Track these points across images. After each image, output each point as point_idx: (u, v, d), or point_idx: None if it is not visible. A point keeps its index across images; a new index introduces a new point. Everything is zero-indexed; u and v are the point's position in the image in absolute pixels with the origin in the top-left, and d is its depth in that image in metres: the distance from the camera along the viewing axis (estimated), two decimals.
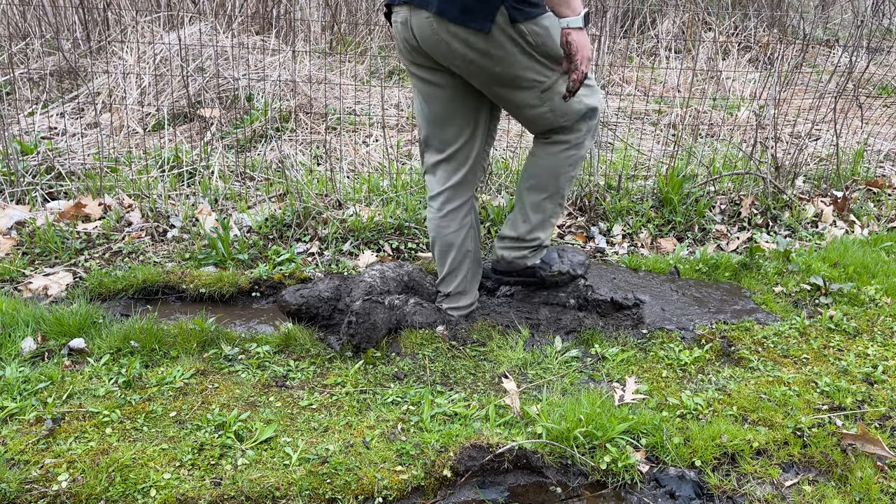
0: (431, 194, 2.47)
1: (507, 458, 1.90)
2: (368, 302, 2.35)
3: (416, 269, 2.65)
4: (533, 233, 2.49)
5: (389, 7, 2.25)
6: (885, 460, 1.92)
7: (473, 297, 2.57)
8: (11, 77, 4.21)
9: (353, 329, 2.31)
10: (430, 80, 2.29)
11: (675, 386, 2.25)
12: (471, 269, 2.52)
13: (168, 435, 1.90)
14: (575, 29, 2.02)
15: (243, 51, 4.65)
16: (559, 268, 2.56)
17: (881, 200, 4.05)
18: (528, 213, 2.47)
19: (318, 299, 2.47)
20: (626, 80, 5.73)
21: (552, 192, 2.43)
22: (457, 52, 2.13)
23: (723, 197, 3.84)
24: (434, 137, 2.40)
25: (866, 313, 2.73)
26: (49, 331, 2.33)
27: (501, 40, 2.10)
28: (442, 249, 2.49)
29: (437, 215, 2.46)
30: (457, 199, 2.44)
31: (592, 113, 2.36)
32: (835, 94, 4.27)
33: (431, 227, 2.50)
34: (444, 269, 2.51)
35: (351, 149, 4.16)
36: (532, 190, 2.44)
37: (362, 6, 6.18)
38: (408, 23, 2.17)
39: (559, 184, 2.42)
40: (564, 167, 2.39)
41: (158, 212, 3.33)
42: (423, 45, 2.18)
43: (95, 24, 4.81)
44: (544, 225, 2.49)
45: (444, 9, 2.06)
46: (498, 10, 2.05)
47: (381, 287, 2.51)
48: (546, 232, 2.51)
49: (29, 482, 1.71)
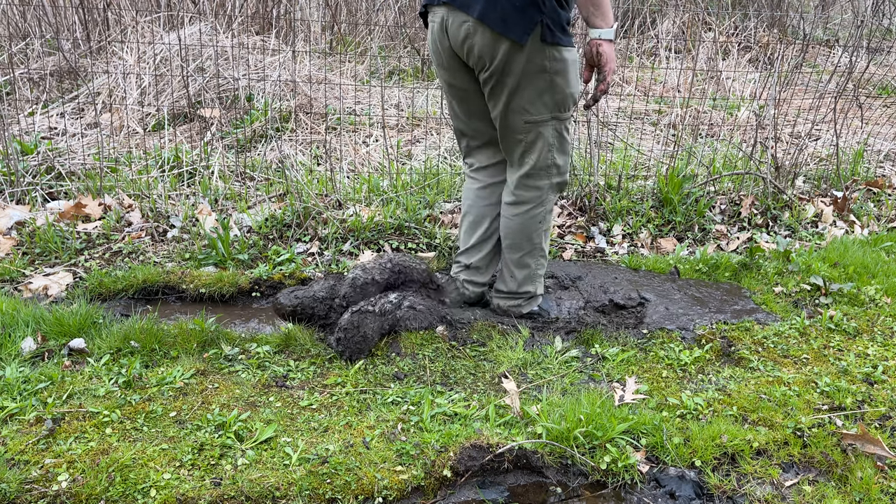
0: (477, 167, 2.53)
1: (507, 458, 1.90)
2: (357, 314, 2.32)
3: (399, 255, 2.61)
4: (522, 286, 2.55)
5: (427, 7, 2.30)
6: (885, 460, 1.92)
7: (489, 277, 2.63)
8: (11, 77, 4.21)
9: (343, 345, 2.29)
10: (460, 84, 2.35)
11: (676, 386, 2.25)
12: (494, 248, 2.57)
13: (168, 435, 1.90)
14: (606, 41, 2.11)
15: (243, 51, 4.65)
16: (557, 314, 2.62)
17: (881, 200, 4.05)
18: (513, 270, 2.53)
19: (313, 299, 2.46)
20: (626, 80, 5.73)
21: (529, 248, 2.49)
22: (485, 57, 2.18)
23: (723, 197, 3.84)
24: (467, 128, 2.48)
25: (866, 313, 2.73)
26: (49, 331, 2.33)
27: (530, 55, 2.15)
28: (474, 220, 2.54)
29: (477, 186, 2.53)
30: (500, 176, 2.51)
31: (556, 171, 2.39)
32: (835, 94, 4.27)
33: (468, 196, 2.55)
34: (470, 240, 2.56)
35: (351, 149, 4.16)
36: (510, 249, 2.51)
37: (362, 6, 6.18)
38: (444, 24, 2.22)
39: (533, 240, 2.48)
40: (535, 225, 2.45)
41: (158, 212, 3.33)
42: (454, 46, 2.23)
43: (95, 24, 4.81)
44: (532, 278, 2.55)
45: (486, 14, 2.11)
46: (537, 24, 2.10)
47: (364, 277, 2.48)
48: (535, 283, 2.56)
49: (29, 482, 1.71)
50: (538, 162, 2.35)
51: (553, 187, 2.42)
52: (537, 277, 2.56)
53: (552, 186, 2.41)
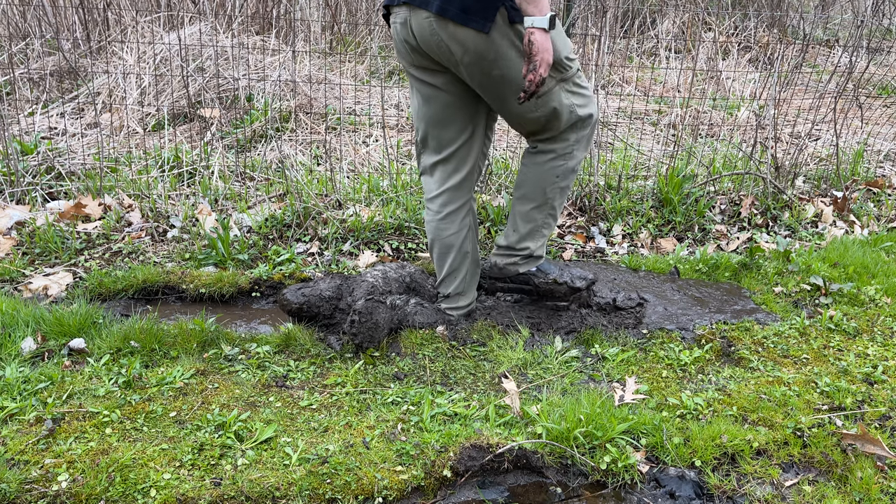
0: (430, 196, 2.46)
1: (507, 458, 1.90)
2: (371, 301, 2.34)
3: (418, 271, 2.65)
4: (522, 242, 2.48)
5: (388, 8, 2.25)
6: (885, 460, 1.92)
7: (472, 297, 2.57)
8: (11, 77, 4.21)
9: (356, 328, 2.30)
10: (430, 81, 2.28)
11: (675, 386, 2.25)
12: (469, 270, 2.51)
13: (168, 435, 1.90)
14: (539, 29, 2.00)
15: (243, 51, 4.65)
16: (556, 277, 2.53)
17: (881, 200, 4.05)
18: (518, 222, 2.46)
19: (319, 298, 2.47)
20: (626, 80, 5.73)
21: (540, 202, 2.41)
22: (455, 52, 2.12)
23: (723, 197, 3.84)
24: (432, 138, 2.38)
25: (866, 313, 2.73)
26: (49, 331, 2.33)
27: (500, 42, 2.09)
28: (441, 251, 2.48)
29: (436, 217, 2.45)
30: (456, 201, 2.43)
31: (582, 123, 2.32)
32: (835, 94, 4.27)
33: (430, 229, 2.49)
34: (443, 271, 2.51)
35: (351, 149, 4.16)
36: (521, 200, 2.44)
37: (362, 6, 6.18)
38: (407, 23, 2.17)
39: (546, 195, 2.40)
40: (551, 178, 2.37)
41: (158, 212, 3.33)
42: (422, 46, 2.18)
43: (95, 24, 4.81)
44: (534, 235, 2.47)
45: (444, 8, 2.06)
46: (497, 10, 2.04)
47: (384, 287, 2.51)
48: (536, 242, 2.49)
49: (29, 482, 1.71)
50: (565, 123, 2.28)
51: (581, 141, 2.33)
52: (540, 236, 2.47)
53: (580, 140, 2.33)
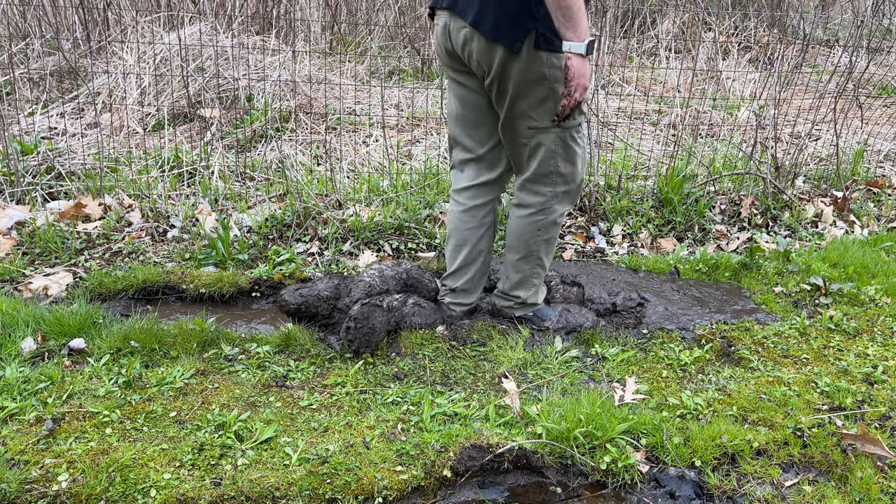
0: (457, 188, 2.50)
1: (507, 458, 1.90)
2: (367, 306, 2.33)
3: (415, 267, 2.65)
4: (514, 290, 2.52)
5: (433, 9, 2.31)
6: (885, 460, 1.92)
7: (476, 297, 2.58)
8: (11, 77, 4.21)
9: (352, 335, 2.30)
10: (466, 84, 2.34)
11: (675, 386, 2.25)
12: (480, 269, 2.53)
13: (168, 435, 1.90)
14: (576, 55, 2.05)
15: (243, 51, 4.65)
16: (550, 325, 2.56)
17: (881, 200, 4.05)
18: (509, 271, 2.51)
19: (317, 298, 2.47)
20: (626, 80, 5.73)
21: (525, 254, 2.45)
22: (483, 63, 2.17)
23: (723, 197, 3.84)
24: (465, 137, 2.43)
25: (866, 313, 2.73)
26: (49, 331, 2.33)
27: (526, 63, 2.13)
28: (457, 244, 2.51)
29: (459, 209, 2.49)
30: (482, 198, 2.47)
31: (561, 180, 2.33)
32: (835, 94, 4.27)
33: (451, 220, 2.52)
34: (454, 264, 2.53)
35: (351, 149, 4.16)
36: (508, 250, 2.49)
37: (362, 6, 6.18)
38: (447, 28, 2.23)
39: (530, 247, 2.43)
40: (533, 231, 2.41)
41: (158, 212, 3.33)
42: (457, 51, 2.24)
43: (95, 24, 4.81)
44: (524, 284, 2.51)
45: (478, 21, 2.11)
46: (529, 33, 2.08)
47: (381, 286, 2.51)
48: (527, 291, 2.52)
49: (29, 482, 1.71)
50: (540, 168, 2.31)
51: (559, 197, 2.36)
52: (531, 285, 2.51)
53: (557, 195, 2.36)
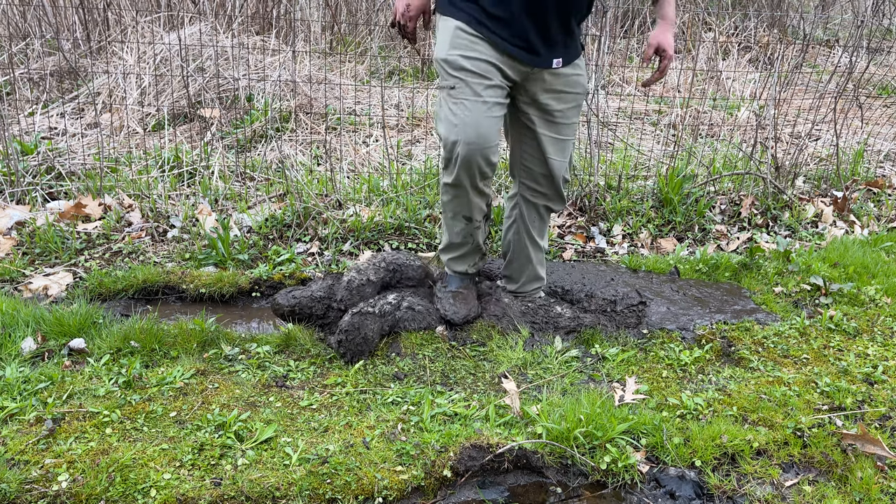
0: None
1: (507, 458, 1.90)
2: (357, 316, 2.31)
3: (392, 253, 2.61)
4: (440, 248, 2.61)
5: None
6: (885, 460, 1.92)
7: (520, 283, 2.65)
8: (11, 77, 4.21)
9: (344, 347, 2.29)
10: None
11: (676, 386, 2.24)
12: (515, 258, 2.61)
13: (168, 435, 1.90)
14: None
15: (243, 51, 4.65)
16: (451, 292, 2.54)
17: (881, 200, 4.05)
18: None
19: (310, 299, 2.46)
20: (626, 80, 5.73)
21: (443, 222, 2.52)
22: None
23: (723, 197, 3.84)
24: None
25: (866, 313, 2.73)
26: (49, 331, 2.33)
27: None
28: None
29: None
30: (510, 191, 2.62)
31: (440, 140, 2.22)
32: (835, 94, 4.27)
33: None
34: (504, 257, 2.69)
35: (351, 149, 4.16)
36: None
37: (362, 6, 6.18)
38: None
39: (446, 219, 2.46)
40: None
41: (158, 212, 3.33)
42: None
43: (95, 24, 4.81)
44: (445, 250, 2.54)
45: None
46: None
47: (359, 279, 2.49)
48: (445, 255, 2.54)
49: (29, 482, 1.71)
50: (437, 132, 2.26)
51: (441, 163, 2.25)
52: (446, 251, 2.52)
53: (447, 165, 2.22)
